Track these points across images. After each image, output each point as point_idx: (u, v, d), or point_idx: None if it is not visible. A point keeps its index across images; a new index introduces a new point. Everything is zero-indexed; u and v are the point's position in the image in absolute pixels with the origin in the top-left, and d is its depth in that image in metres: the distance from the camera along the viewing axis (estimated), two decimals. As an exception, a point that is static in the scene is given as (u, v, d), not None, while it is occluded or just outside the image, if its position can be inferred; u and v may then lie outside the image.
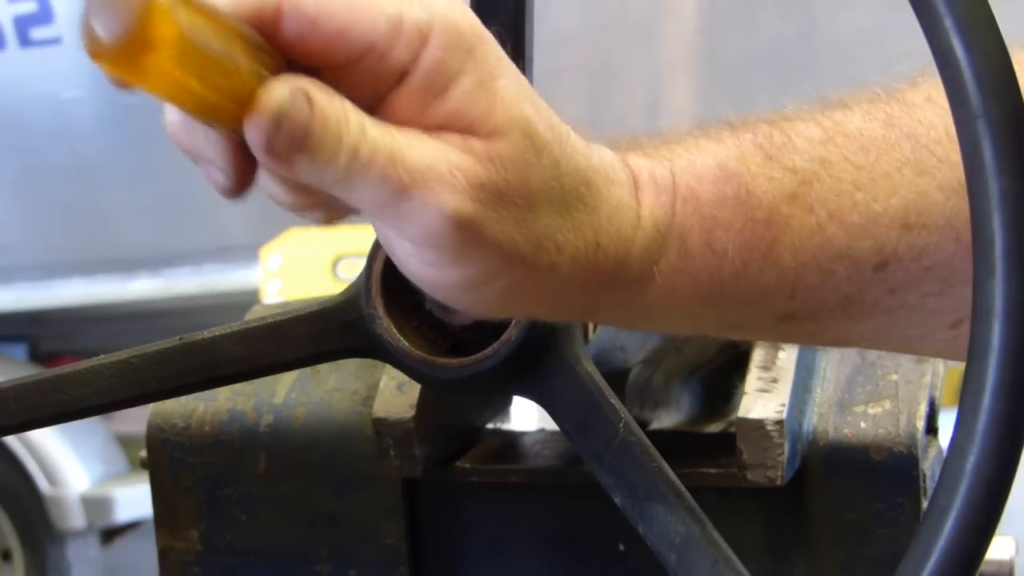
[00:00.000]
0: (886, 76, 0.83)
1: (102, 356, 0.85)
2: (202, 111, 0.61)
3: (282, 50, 0.63)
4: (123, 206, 4.39)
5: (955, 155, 0.76)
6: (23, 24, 4.25)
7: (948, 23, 0.64)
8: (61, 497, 4.29)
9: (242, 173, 0.64)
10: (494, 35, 0.69)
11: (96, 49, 0.57)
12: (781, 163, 0.76)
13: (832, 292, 0.78)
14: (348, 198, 0.65)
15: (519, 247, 0.69)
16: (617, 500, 0.85)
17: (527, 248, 0.70)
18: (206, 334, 0.85)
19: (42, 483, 4.30)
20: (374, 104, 0.66)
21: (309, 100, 0.62)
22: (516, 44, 0.80)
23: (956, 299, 0.77)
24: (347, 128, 0.63)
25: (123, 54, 0.57)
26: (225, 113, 0.61)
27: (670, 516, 0.83)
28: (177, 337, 0.85)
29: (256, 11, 0.63)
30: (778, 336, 0.83)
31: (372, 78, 0.65)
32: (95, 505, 4.29)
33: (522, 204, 0.68)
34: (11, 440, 4.33)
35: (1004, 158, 0.63)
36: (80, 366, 0.85)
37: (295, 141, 0.62)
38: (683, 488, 0.84)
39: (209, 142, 0.64)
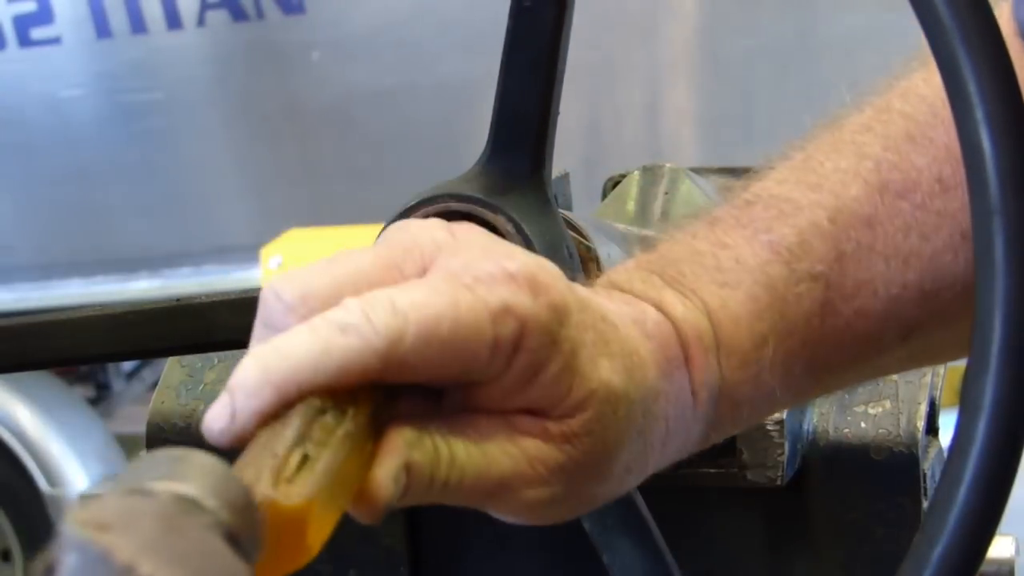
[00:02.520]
0: (857, 96, 0.83)
1: (98, 306, 0.84)
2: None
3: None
4: (123, 206, 4.38)
5: (951, 204, 0.76)
6: (23, 24, 4.24)
7: (979, 114, 0.64)
8: (61, 497, 4.28)
9: None
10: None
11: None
12: (803, 272, 0.76)
13: (865, 370, 0.80)
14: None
15: (598, 497, 0.71)
16: (585, 525, 0.85)
17: (606, 492, 0.71)
18: (204, 298, 0.85)
19: (42, 483, 4.29)
20: (459, 398, 0.67)
21: (408, 470, 0.63)
22: (549, 67, 0.81)
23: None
24: (439, 469, 0.64)
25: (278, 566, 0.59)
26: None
27: (635, 550, 0.84)
28: (175, 298, 0.85)
29: (359, 376, 0.62)
30: None
31: (463, 385, 0.66)
32: (95, 505, 4.28)
33: (601, 461, 0.69)
34: (11, 440, 4.32)
35: (1014, 257, 0.63)
36: (76, 314, 0.85)
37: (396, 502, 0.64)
38: (653, 525, 0.84)
39: None
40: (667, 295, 0.74)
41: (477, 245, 0.67)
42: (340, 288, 0.64)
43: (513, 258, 0.67)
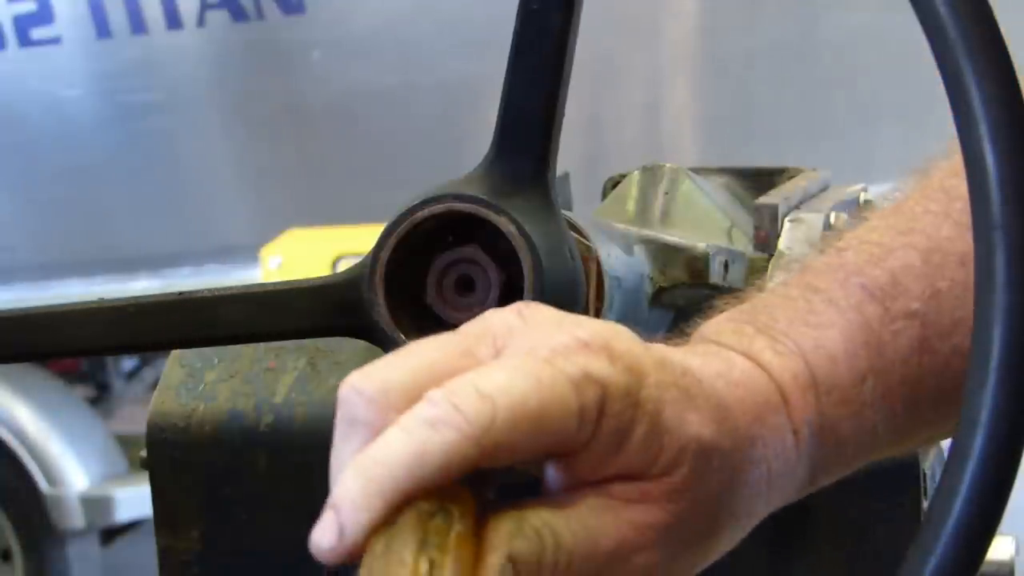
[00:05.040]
0: (948, 144, 0.82)
1: (99, 299, 0.84)
2: None
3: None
4: (123, 206, 4.39)
5: None
6: (23, 24, 4.25)
7: (982, 128, 0.64)
8: (61, 497, 4.29)
9: None
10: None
11: None
12: (898, 311, 0.76)
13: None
14: None
15: (711, 551, 0.70)
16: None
17: (718, 546, 0.71)
18: (206, 293, 0.85)
19: (42, 483, 4.30)
20: (554, 473, 0.66)
21: (515, 562, 0.62)
22: (556, 70, 0.81)
23: None
24: (545, 555, 0.63)
25: None
26: None
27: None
28: (177, 292, 0.85)
29: (459, 469, 0.62)
30: None
31: (556, 459, 0.66)
32: (95, 505, 4.29)
33: (707, 515, 0.69)
34: (11, 439, 4.33)
35: (1015, 272, 0.63)
36: (77, 306, 0.85)
37: None
38: None
39: None
40: (757, 343, 0.74)
41: (548, 322, 0.68)
42: (418, 378, 0.64)
43: (584, 327, 0.67)
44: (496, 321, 0.67)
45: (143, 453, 1.10)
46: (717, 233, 1.13)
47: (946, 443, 0.96)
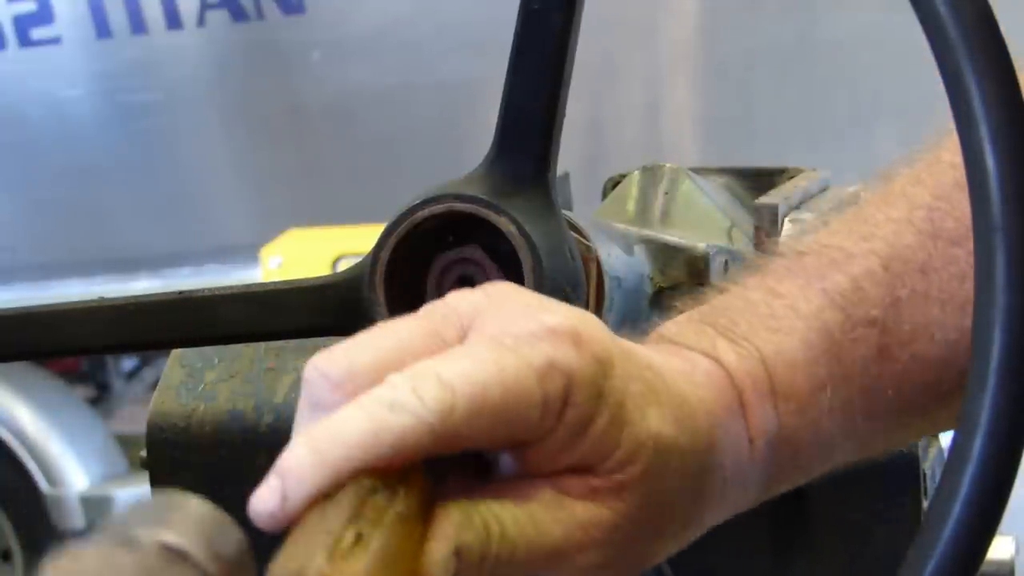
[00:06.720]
0: (909, 152, 0.82)
1: (99, 298, 0.84)
2: None
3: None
4: (123, 206, 4.38)
5: None
6: (23, 24, 4.25)
7: (983, 131, 0.64)
8: (61, 497, 4.29)
9: None
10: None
11: None
12: (858, 317, 0.75)
13: (928, 421, 0.79)
14: None
15: (652, 556, 0.70)
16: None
17: (660, 550, 0.70)
18: (206, 292, 0.85)
19: (42, 483, 4.29)
20: (509, 461, 0.66)
21: (459, 553, 0.62)
22: (556, 70, 0.81)
23: None
24: (489, 547, 0.63)
25: None
26: None
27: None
28: (177, 291, 0.85)
29: (412, 453, 0.62)
30: None
31: (513, 447, 0.65)
32: (95, 505, 4.28)
33: (654, 517, 0.68)
34: (11, 440, 4.32)
35: (1015, 274, 0.63)
36: (77, 305, 0.85)
37: None
38: None
39: None
40: (720, 344, 0.74)
41: (514, 303, 0.67)
42: (384, 361, 0.64)
43: (552, 312, 0.66)
44: (461, 301, 0.66)
45: (143, 453, 1.10)
46: (717, 233, 1.13)
47: (946, 443, 0.96)
